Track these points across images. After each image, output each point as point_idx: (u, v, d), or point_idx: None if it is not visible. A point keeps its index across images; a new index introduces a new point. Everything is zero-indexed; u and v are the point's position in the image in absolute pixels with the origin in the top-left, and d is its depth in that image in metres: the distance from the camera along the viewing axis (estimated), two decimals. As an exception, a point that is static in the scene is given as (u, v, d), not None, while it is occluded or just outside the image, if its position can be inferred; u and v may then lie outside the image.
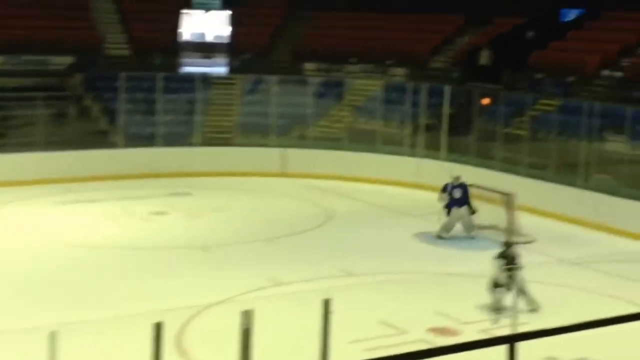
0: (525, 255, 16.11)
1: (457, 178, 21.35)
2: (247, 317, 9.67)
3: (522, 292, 14.91)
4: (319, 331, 10.01)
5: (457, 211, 20.96)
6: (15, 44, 29.44)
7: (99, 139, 28.22)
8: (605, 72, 27.23)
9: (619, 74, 26.93)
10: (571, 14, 31.91)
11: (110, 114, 29.09)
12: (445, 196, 21.14)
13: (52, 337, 9.14)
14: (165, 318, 9.32)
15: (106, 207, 23.23)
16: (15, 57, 29.40)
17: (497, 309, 14.87)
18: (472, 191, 21.47)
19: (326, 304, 9.97)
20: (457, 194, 21.03)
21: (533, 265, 16.59)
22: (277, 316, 13.83)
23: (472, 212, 21.05)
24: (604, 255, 18.92)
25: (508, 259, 15.10)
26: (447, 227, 20.95)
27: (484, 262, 16.04)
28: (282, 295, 15.90)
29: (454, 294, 16.58)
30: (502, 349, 6.65)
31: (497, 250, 15.55)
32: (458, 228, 21.06)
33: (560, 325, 7.32)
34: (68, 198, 23.58)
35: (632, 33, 27.92)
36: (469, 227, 21.05)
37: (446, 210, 21.09)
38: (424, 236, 21.30)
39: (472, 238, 20.81)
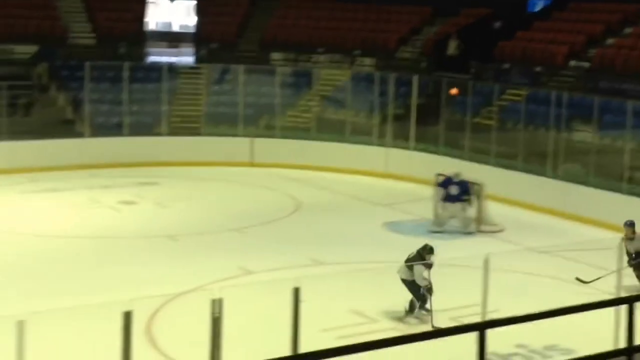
0: (494, 244, 16.22)
1: (457, 174, 21.23)
2: (217, 306, 9.67)
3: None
4: (290, 320, 10.02)
5: (450, 206, 20.86)
6: (-22, 34, 29.21)
7: (65, 129, 28.07)
8: (573, 63, 27.40)
9: (586, 64, 27.09)
10: (538, 5, 32.11)
11: (76, 104, 28.93)
12: (440, 190, 21.06)
13: (20, 326, 9.08)
14: (135, 307, 9.29)
15: (73, 197, 23.14)
16: (-22, 46, 29.18)
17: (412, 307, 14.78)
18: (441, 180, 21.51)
19: (296, 292, 9.98)
20: (454, 190, 20.89)
21: (502, 253, 16.66)
22: (247, 305, 13.80)
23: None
24: (572, 244, 19.03)
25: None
26: (439, 222, 20.92)
27: (452, 250, 16.13)
28: (251, 284, 15.89)
29: (424, 283, 16.61)
30: (472, 337, 6.71)
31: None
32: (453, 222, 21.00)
33: (529, 313, 7.41)
34: (34, 187, 23.44)
35: (599, 24, 28.14)
36: (465, 224, 20.90)
37: (441, 204, 21.02)
38: (392, 225, 21.38)
39: (470, 234, 20.67)
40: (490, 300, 13.50)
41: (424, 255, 14.69)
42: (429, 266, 14.57)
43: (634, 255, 16.02)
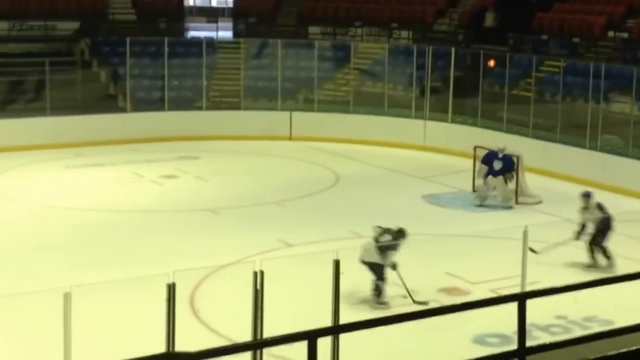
0: (533, 216, 16.14)
1: (502, 149, 20.89)
2: (258, 278, 9.78)
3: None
4: (330, 292, 10.11)
5: (491, 180, 20.56)
6: (21, 10, 29.40)
7: (106, 104, 28.29)
8: (611, 33, 27.10)
9: (624, 34, 26.79)
10: (577, -25, 31.75)
11: (118, 79, 29.12)
12: (484, 167, 20.81)
13: (66, 298, 9.24)
14: (178, 279, 9.43)
15: (116, 171, 23.33)
16: (21, 22, 29.34)
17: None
18: (480, 153, 21.42)
19: (336, 265, 10.07)
20: (497, 165, 20.60)
21: (540, 225, 16.61)
22: (287, 277, 13.90)
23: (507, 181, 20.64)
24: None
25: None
26: (480, 196, 20.81)
27: (490, 222, 16.09)
28: (292, 256, 15.97)
29: (462, 255, 16.63)
30: (512, 307, 6.73)
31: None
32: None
33: (568, 284, 7.41)
34: (78, 162, 23.64)
35: (638, -7, 27.84)
36: (506, 198, 20.67)
37: (483, 179, 20.77)
38: (431, 198, 21.35)
39: (510, 208, 20.49)
40: (529, 272, 13.53)
41: (399, 239, 13.93)
42: (395, 248, 13.83)
43: (583, 226, 16.01)
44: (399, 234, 14.02)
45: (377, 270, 13.66)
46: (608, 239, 15.77)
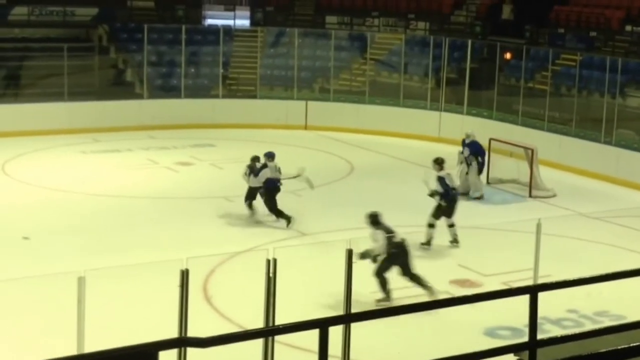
0: (546, 209, 16.10)
1: (469, 135, 20.74)
2: (271, 266, 9.79)
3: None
4: (343, 280, 10.11)
5: (462, 170, 20.37)
6: (41, -4, 29.52)
7: (124, 90, 28.35)
8: (629, 27, 26.99)
9: (642, 29, 26.74)
10: (595, -31, 31.63)
11: (135, 65, 29.16)
12: (460, 155, 20.70)
13: (80, 282, 9.28)
14: (191, 266, 9.45)
15: (132, 157, 23.43)
16: (40, 8, 29.41)
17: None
18: (495, 145, 21.33)
19: (349, 254, 10.07)
20: (465, 152, 20.53)
21: (554, 218, 16.57)
22: (300, 266, 13.93)
23: (479, 171, 20.34)
24: (625, 210, 18.88)
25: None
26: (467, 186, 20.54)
27: (504, 215, 16.06)
28: (305, 245, 16.02)
29: (475, 247, 16.61)
30: (524, 300, 6.71)
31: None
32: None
33: (580, 277, 7.38)
34: (94, 148, 23.74)
35: (657, -13, 27.71)
36: (474, 188, 20.31)
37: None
38: (445, 189, 21.32)
39: (479, 198, 20.22)
40: (542, 266, 13.52)
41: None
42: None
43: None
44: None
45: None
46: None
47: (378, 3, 32.03)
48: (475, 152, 20.43)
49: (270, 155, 18.15)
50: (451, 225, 16.37)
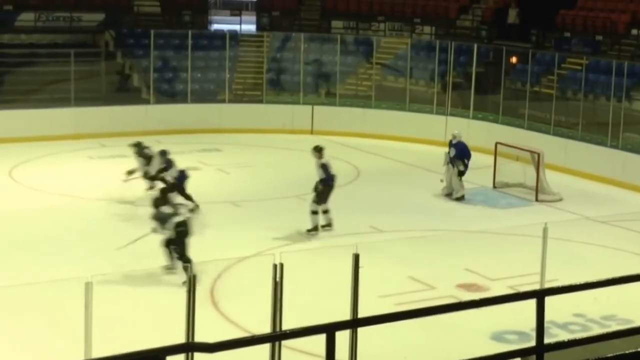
0: (553, 213, 16.10)
1: (456, 135, 20.96)
2: (277, 271, 9.80)
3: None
4: (349, 285, 10.11)
5: (448, 170, 20.64)
6: (47, 1, 29.61)
7: (130, 95, 28.42)
8: (635, 31, 27.03)
9: (648, 33, 26.77)
10: (601, -27, 31.65)
11: (141, 71, 29.24)
12: (447, 156, 20.84)
13: (88, 287, 9.31)
14: (198, 271, 9.48)
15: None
16: (47, 14, 29.52)
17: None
18: (501, 149, 21.38)
19: (356, 259, 10.08)
20: (452, 152, 20.68)
21: (560, 222, 16.57)
22: (307, 270, 13.94)
23: (460, 172, 20.46)
24: (631, 214, 18.87)
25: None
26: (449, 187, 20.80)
27: (511, 219, 16.06)
28: (312, 249, 16.03)
29: (481, 251, 16.63)
30: (531, 305, 6.71)
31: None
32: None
33: (587, 282, 7.38)
34: (101, 153, 23.79)
35: (662, -9, 27.75)
36: (455, 189, 20.50)
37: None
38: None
39: (460, 199, 20.37)
40: (548, 270, 13.51)
41: None
42: None
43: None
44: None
45: None
46: None
47: (384, 8, 32.08)
48: (460, 154, 20.56)
49: None
50: (326, 211, 17.35)
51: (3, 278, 14.21)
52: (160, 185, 18.54)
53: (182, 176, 18.84)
